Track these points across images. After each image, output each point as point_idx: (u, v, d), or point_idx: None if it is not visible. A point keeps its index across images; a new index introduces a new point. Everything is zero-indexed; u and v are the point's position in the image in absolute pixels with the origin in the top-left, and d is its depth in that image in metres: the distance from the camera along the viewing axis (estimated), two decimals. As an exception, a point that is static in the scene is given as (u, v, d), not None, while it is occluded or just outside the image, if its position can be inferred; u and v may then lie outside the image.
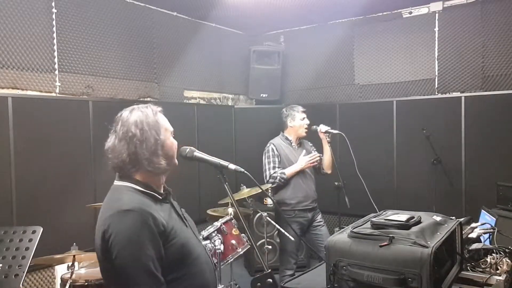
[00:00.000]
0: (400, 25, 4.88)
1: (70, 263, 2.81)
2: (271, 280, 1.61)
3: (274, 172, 3.66)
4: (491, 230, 2.35)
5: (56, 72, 3.68)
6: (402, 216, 1.89)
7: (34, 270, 3.44)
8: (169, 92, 4.77)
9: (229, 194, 1.76)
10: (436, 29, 4.65)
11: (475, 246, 2.09)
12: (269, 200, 4.86)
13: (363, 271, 1.71)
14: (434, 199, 4.29)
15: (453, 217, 2.07)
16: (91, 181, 3.77)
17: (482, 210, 2.98)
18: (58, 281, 3.39)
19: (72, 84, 3.80)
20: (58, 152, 3.56)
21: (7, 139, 3.27)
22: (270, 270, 1.64)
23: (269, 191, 3.78)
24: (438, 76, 4.67)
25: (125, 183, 1.57)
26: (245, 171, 1.74)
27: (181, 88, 4.92)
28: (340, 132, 3.67)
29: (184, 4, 4.55)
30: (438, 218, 1.97)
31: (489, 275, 1.90)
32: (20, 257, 2.42)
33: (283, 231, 3.55)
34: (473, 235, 2.26)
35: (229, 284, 3.43)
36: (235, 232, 2.78)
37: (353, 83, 5.23)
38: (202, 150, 1.81)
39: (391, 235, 1.72)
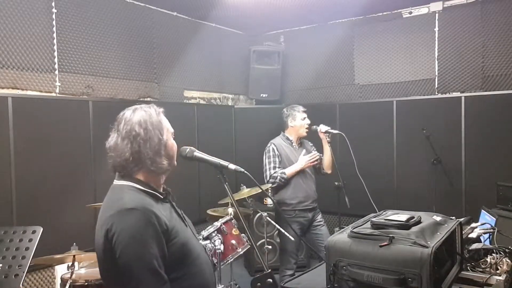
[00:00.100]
0: (400, 25, 4.88)
1: (70, 263, 2.81)
2: (271, 280, 1.61)
3: (275, 172, 3.66)
4: (491, 230, 2.35)
5: (56, 72, 3.68)
6: (402, 216, 1.89)
7: (34, 270, 3.44)
8: (169, 92, 4.77)
9: (229, 194, 1.76)
10: (436, 29, 4.65)
11: (475, 246, 2.09)
12: (269, 200, 4.86)
13: (363, 271, 1.71)
14: (434, 199, 4.29)
15: (453, 217, 2.07)
16: (91, 181, 3.77)
17: (482, 210, 2.98)
18: (58, 281, 3.39)
19: (72, 84, 3.80)
20: (58, 152, 3.56)
21: (7, 139, 3.27)
22: (270, 270, 1.65)
23: (269, 191, 3.78)
24: (438, 76, 4.67)
25: (126, 182, 1.56)
26: (245, 171, 1.75)
27: (181, 88, 4.92)
28: (340, 132, 3.68)
29: (184, 4, 4.55)
30: (438, 218, 1.97)
31: (489, 275, 1.90)
32: (20, 257, 2.42)
33: (283, 231, 3.55)
34: (473, 235, 2.26)
35: (229, 284, 3.43)
36: (235, 232, 2.78)
37: (353, 83, 5.23)
38: (202, 150, 1.81)
39: (391, 235, 1.72)
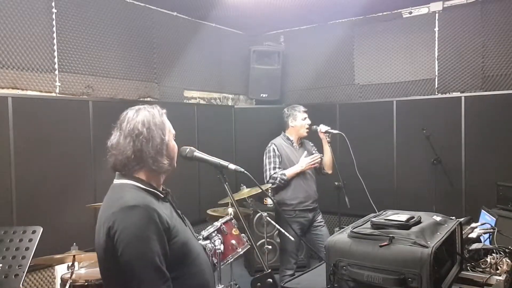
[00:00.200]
0: (400, 25, 4.88)
1: (70, 263, 2.81)
2: (271, 280, 1.61)
3: (275, 173, 3.66)
4: (491, 230, 2.34)
5: (56, 72, 3.68)
6: (402, 216, 1.89)
7: (34, 270, 3.44)
8: (169, 92, 4.77)
9: (229, 194, 1.76)
10: (436, 29, 4.65)
11: (475, 246, 2.09)
12: (269, 200, 4.86)
13: (363, 271, 1.71)
14: (434, 199, 4.29)
15: (453, 217, 2.07)
16: (91, 181, 3.77)
17: (482, 210, 2.98)
18: (58, 281, 3.39)
19: (72, 84, 3.80)
20: (58, 152, 3.56)
21: (7, 139, 3.27)
22: (270, 270, 1.65)
23: (269, 191, 3.78)
24: (438, 76, 4.67)
25: (127, 181, 1.56)
26: (245, 171, 1.75)
27: (181, 88, 4.92)
28: (340, 132, 3.68)
29: (184, 4, 4.55)
30: (438, 218, 1.96)
31: (489, 275, 1.90)
32: (20, 257, 2.42)
33: (283, 231, 3.55)
34: (473, 235, 2.26)
35: (229, 284, 3.43)
36: (235, 232, 2.77)
37: (353, 83, 5.23)
38: (202, 150, 1.82)
39: (391, 235, 1.72)
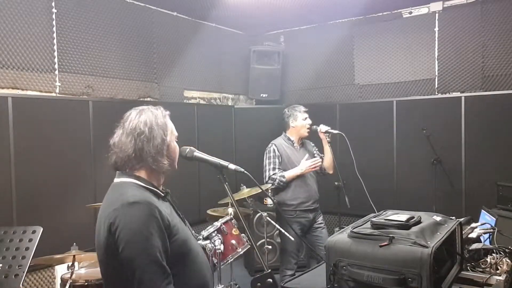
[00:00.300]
0: (400, 25, 4.88)
1: (70, 263, 2.81)
2: (271, 280, 1.61)
3: (274, 174, 3.64)
4: (491, 230, 2.34)
5: (56, 72, 3.68)
6: (402, 216, 1.88)
7: (34, 270, 3.44)
8: (169, 92, 4.77)
9: (229, 194, 1.76)
10: (436, 29, 4.65)
11: (475, 246, 2.09)
12: (269, 200, 4.86)
13: (363, 271, 1.71)
14: (434, 199, 4.29)
15: (453, 217, 2.06)
16: (91, 181, 3.77)
17: (482, 210, 2.98)
18: (58, 281, 3.39)
19: (72, 84, 3.80)
20: (58, 152, 3.56)
21: (7, 139, 3.27)
22: (270, 270, 1.65)
23: (269, 191, 3.78)
24: (438, 76, 4.67)
25: (127, 179, 1.58)
26: (245, 171, 1.75)
27: (181, 88, 4.92)
28: (340, 132, 3.67)
29: (184, 4, 4.55)
30: (438, 218, 1.96)
31: (489, 275, 1.90)
32: (20, 257, 2.42)
33: (283, 231, 3.55)
34: (473, 235, 2.26)
35: (229, 284, 3.42)
36: (235, 232, 2.77)
37: (353, 83, 5.23)
38: (202, 150, 1.82)
39: (391, 235, 1.71)
